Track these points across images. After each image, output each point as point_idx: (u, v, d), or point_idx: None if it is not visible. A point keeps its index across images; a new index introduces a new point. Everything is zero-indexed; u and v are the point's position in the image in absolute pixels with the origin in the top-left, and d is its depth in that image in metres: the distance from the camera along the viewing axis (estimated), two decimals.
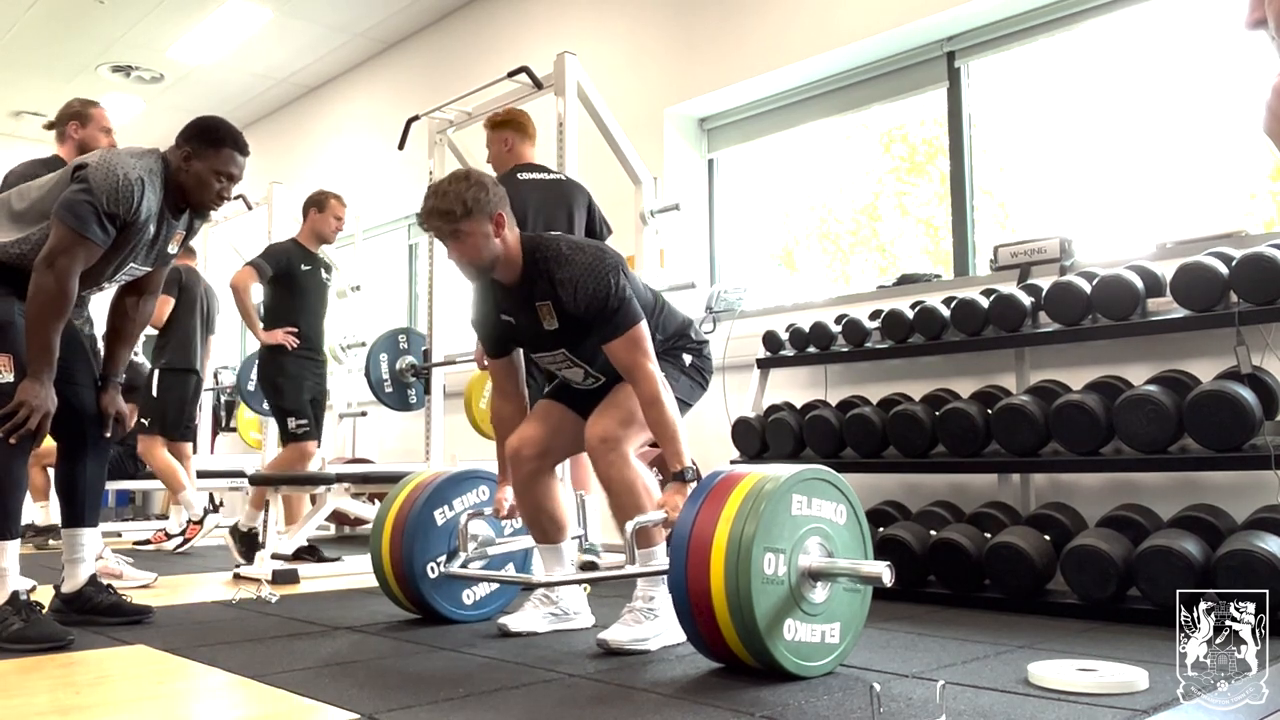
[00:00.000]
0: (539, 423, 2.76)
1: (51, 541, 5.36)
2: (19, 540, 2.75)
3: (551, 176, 3.92)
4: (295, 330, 4.83)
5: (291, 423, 4.79)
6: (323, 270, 5.03)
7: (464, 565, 2.89)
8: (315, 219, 4.95)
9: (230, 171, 2.83)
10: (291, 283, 4.85)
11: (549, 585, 2.79)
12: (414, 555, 2.89)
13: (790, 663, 2.10)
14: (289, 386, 4.84)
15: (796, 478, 2.16)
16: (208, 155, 2.78)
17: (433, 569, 2.93)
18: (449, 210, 2.49)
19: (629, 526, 2.39)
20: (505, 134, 4.00)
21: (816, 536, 2.17)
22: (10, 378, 2.66)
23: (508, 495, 2.82)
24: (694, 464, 2.49)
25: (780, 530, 2.10)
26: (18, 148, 9.14)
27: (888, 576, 2.11)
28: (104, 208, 2.62)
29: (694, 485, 2.34)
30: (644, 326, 2.55)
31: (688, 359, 2.80)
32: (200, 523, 5.45)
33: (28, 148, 9.07)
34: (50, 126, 3.68)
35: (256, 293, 4.90)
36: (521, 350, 2.82)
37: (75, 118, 3.62)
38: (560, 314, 2.58)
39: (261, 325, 4.83)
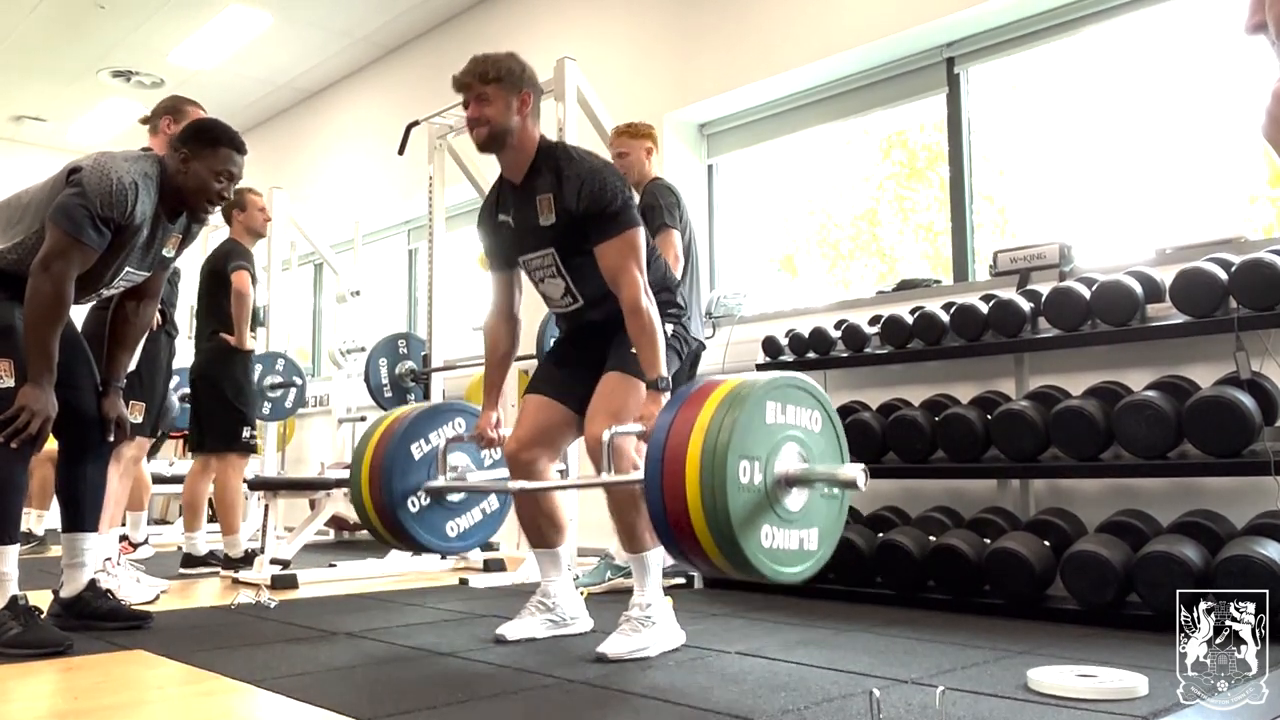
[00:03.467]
0: (528, 423, 2.74)
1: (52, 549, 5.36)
2: (18, 545, 2.75)
3: None
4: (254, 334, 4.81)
5: (247, 431, 4.71)
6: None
7: (443, 489, 2.88)
8: (243, 218, 4.84)
9: (229, 170, 2.84)
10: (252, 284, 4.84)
11: (526, 491, 2.71)
12: (393, 489, 2.84)
13: (767, 568, 2.07)
14: (251, 393, 4.82)
15: (770, 384, 2.14)
16: (206, 156, 2.79)
17: (413, 502, 2.89)
18: (484, 71, 2.60)
19: (605, 434, 2.37)
20: (648, 144, 3.99)
21: (793, 444, 2.15)
22: (10, 382, 2.66)
23: (490, 421, 2.84)
24: (669, 377, 2.50)
25: (755, 438, 2.08)
26: (18, 152, 9.16)
27: (862, 480, 2.10)
28: (98, 211, 2.62)
29: (668, 395, 2.34)
30: (641, 233, 2.57)
31: (668, 328, 2.68)
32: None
33: (29, 152, 9.11)
34: (145, 121, 3.69)
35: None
36: (519, 274, 2.82)
37: (170, 113, 3.63)
38: (559, 210, 2.59)
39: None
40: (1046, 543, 3.12)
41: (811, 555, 2.19)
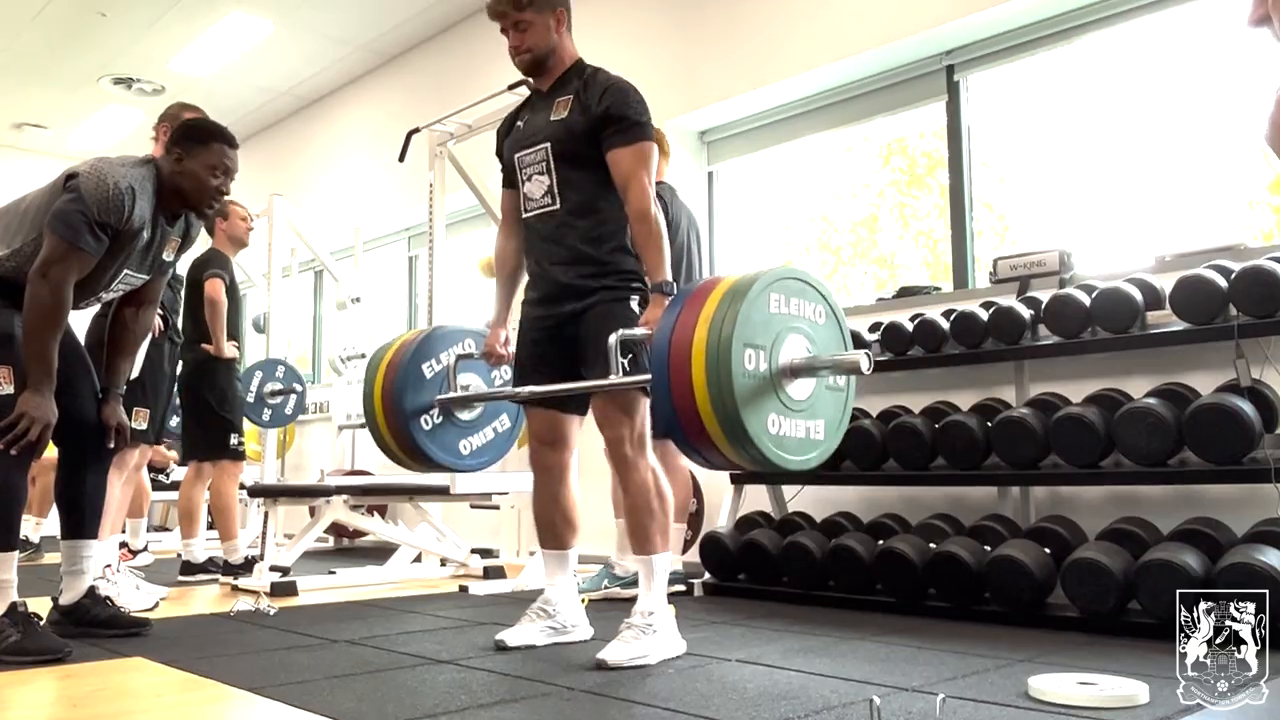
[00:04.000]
0: (538, 429, 2.79)
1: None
2: (18, 552, 2.75)
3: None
4: (236, 343, 4.83)
5: (234, 438, 4.75)
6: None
7: (453, 400, 2.92)
8: (225, 226, 4.88)
9: (224, 164, 2.86)
10: (234, 293, 4.85)
11: (536, 395, 2.68)
12: (405, 408, 2.89)
13: (774, 455, 2.10)
14: (237, 401, 4.84)
15: (772, 275, 2.17)
16: (198, 153, 2.82)
17: (426, 420, 2.93)
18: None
19: (612, 339, 2.40)
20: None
21: (797, 335, 2.18)
22: (10, 389, 2.66)
23: (499, 339, 2.89)
24: (673, 280, 2.53)
25: (759, 328, 2.11)
26: (19, 159, 9.17)
27: (866, 363, 2.14)
28: (95, 217, 2.63)
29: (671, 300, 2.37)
30: (654, 149, 2.64)
31: (634, 304, 2.64)
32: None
33: (29, 159, 9.12)
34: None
35: None
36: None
37: (165, 120, 3.67)
38: (574, 108, 2.64)
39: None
40: (1047, 550, 3.12)
41: (818, 445, 2.22)
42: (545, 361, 2.72)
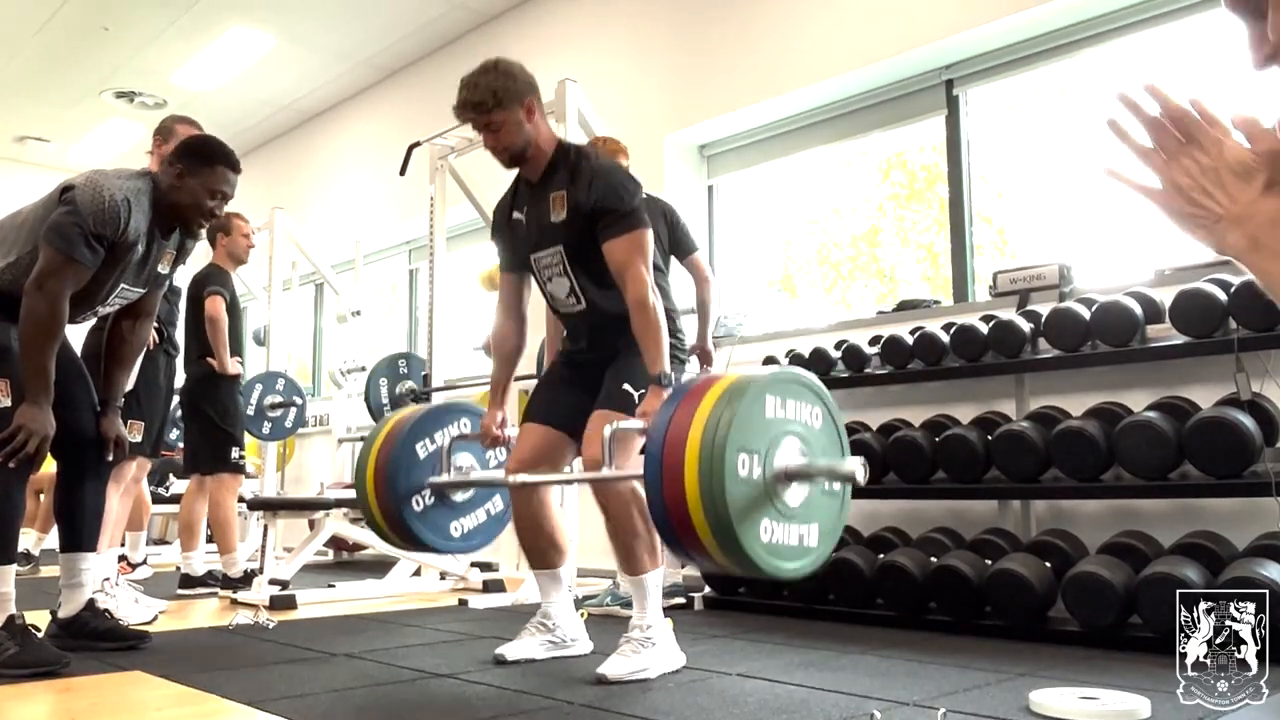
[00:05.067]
0: (527, 447, 2.74)
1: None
2: (15, 565, 2.74)
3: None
4: (239, 358, 4.85)
5: (235, 452, 4.75)
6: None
7: (446, 485, 2.87)
8: (226, 242, 4.89)
9: (223, 189, 2.86)
10: (235, 309, 4.86)
11: (528, 485, 2.67)
12: (398, 489, 2.84)
13: (766, 563, 2.06)
14: (238, 415, 4.87)
15: (771, 379, 2.14)
16: (201, 173, 2.81)
17: (418, 502, 2.88)
18: (480, 102, 2.60)
19: (607, 430, 2.36)
20: (620, 160, 3.99)
21: (793, 438, 2.14)
22: (8, 402, 2.66)
23: (496, 420, 2.85)
24: (671, 373, 2.51)
25: (755, 432, 2.07)
26: (21, 172, 9.19)
27: (861, 473, 2.10)
28: (90, 229, 2.63)
29: (670, 392, 2.34)
30: (649, 236, 2.59)
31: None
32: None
33: (31, 173, 9.14)
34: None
35: None
36: (530, 280, 2.83)
37: (160, 134, 3.66)
38: (570, 206, 2.60)
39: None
40: (1048, 564, 3.11)
41: (811, 551, 2.18)
42: (555, 391, 2.77)
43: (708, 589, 3.92)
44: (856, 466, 2.11)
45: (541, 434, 2.74)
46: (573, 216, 2.60)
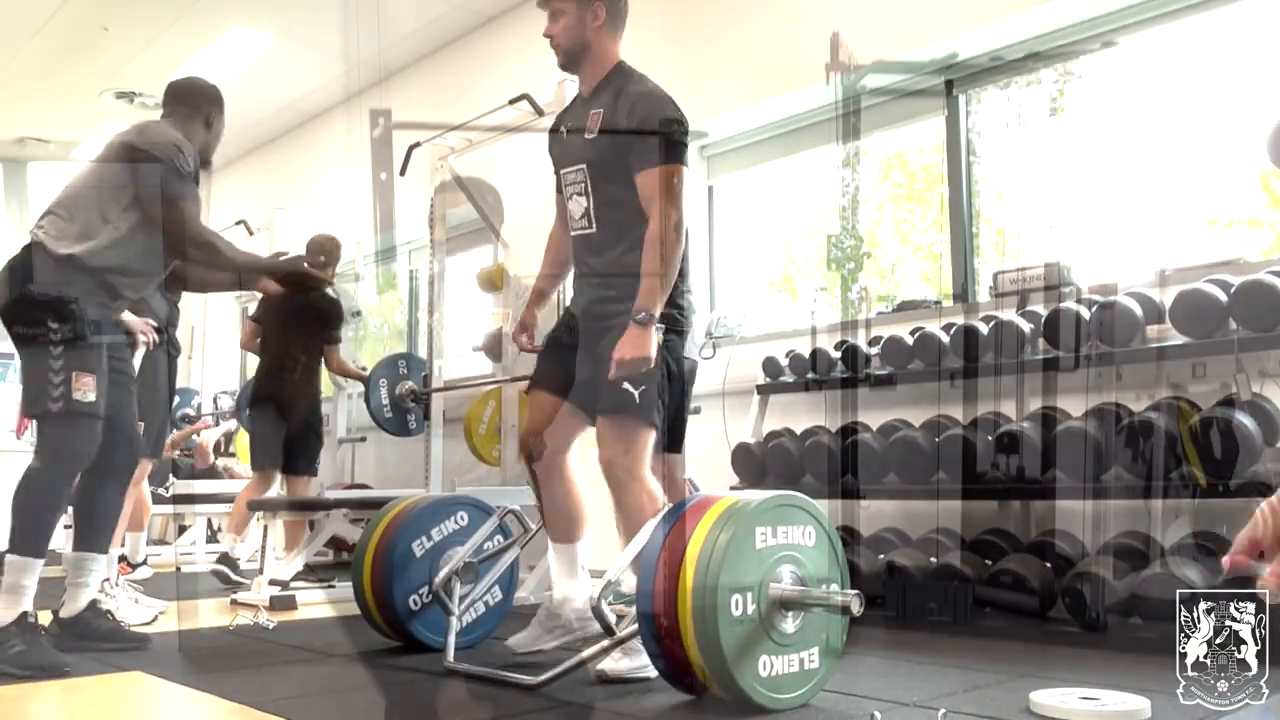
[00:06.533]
0: (537, 413, 2.71)
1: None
2: (42, 561, 2.73)
3: None
4: None
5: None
6: None
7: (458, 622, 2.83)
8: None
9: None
10: None
11: (546, 684, 2.43)
12: (394, 589, 2.84)
13: (766, 699, 2.05)
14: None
15: (759, 509, 2.10)
16: (220, 114, 3.33)
17: (415, 601, 2.87)
18: None
19: (601, 603, 2.28)
20: None
21: (786, 564, 2.12)
22: (93, 397, 2.68)
23: (534, 320, 2.87)
24: (654, 314, 2.45)
25: (745, 566, 2.05)
26: (21, 173, 9.19)
27: (856, 606, 2.06)
28: (187, 169, 2.91)
29: (650, 328, 2.37)
30: (684, 175, 2.53)
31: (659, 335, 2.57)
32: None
33: (31, 173, 9.13)
34: None
35: None
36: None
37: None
38: (605, 126, 2.58)
39: None
40: (1048, 564, 3.11)
41: (813, 675, 2.16)
42: (561, 361, 2.71)
43: None
44: (852, 599, 2.07)
45: (553, 404, 2.70)
46: (604, 137, 2.57)
